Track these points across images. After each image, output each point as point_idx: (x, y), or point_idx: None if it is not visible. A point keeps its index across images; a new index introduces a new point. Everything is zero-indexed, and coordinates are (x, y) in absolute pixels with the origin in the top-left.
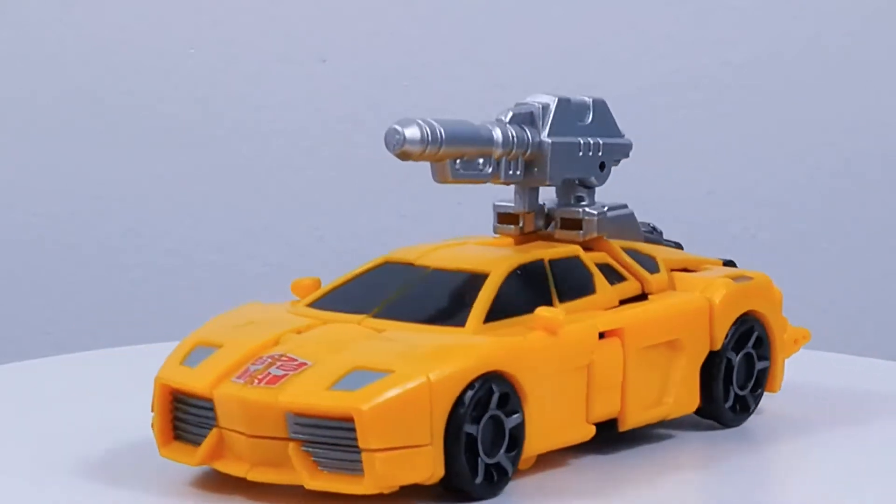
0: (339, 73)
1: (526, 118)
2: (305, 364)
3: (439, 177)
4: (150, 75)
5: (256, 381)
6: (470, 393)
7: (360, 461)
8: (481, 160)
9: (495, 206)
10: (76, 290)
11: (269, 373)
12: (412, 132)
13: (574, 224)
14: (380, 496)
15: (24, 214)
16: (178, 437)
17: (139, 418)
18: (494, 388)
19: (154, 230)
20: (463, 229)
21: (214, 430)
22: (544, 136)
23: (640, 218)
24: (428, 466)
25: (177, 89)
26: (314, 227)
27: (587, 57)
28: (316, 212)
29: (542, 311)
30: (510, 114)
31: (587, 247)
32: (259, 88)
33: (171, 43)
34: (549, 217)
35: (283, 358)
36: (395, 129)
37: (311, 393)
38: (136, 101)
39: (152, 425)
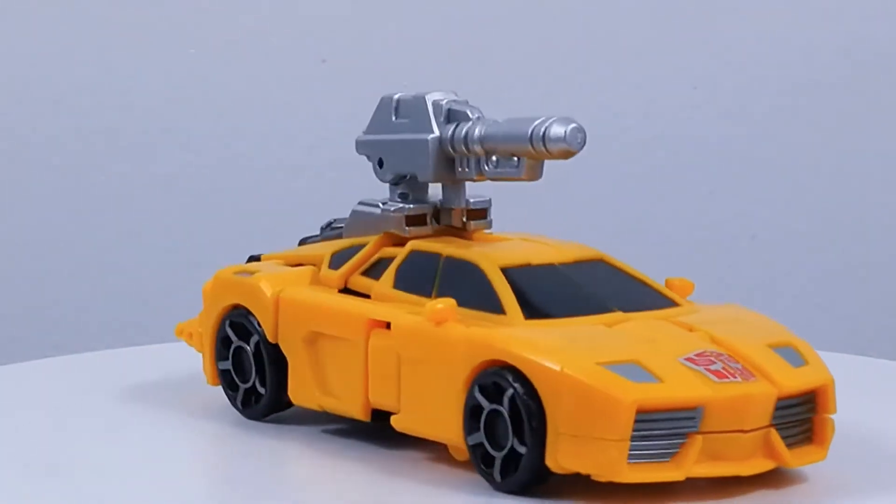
0: (339, 73)
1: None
2: (723, 354)
3: (534, 175)
4: (150, 74)
5: (748, 377)
6: None
7: (809, 430)
8: (515, 159)
9: (405, 210)
10: (76, 290)
11: (735, 367)
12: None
13: (483, 214)
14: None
15: (24, 213)
16: None
17: (141, 419)
18: None
19: (153, 230)
20: None
21: (697, 437)
22: None
23: None
24: None
25: (176, 89)
26: (314, 227)
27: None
28: (315, 212)
29: (672, 280)
30: (477, 111)
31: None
32: (259, 88)
33: (170, 42)
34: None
35: (707, 353)
36: (579, 129)
37: (791, 376)
38: (134, 100)
39: (618, 454)
